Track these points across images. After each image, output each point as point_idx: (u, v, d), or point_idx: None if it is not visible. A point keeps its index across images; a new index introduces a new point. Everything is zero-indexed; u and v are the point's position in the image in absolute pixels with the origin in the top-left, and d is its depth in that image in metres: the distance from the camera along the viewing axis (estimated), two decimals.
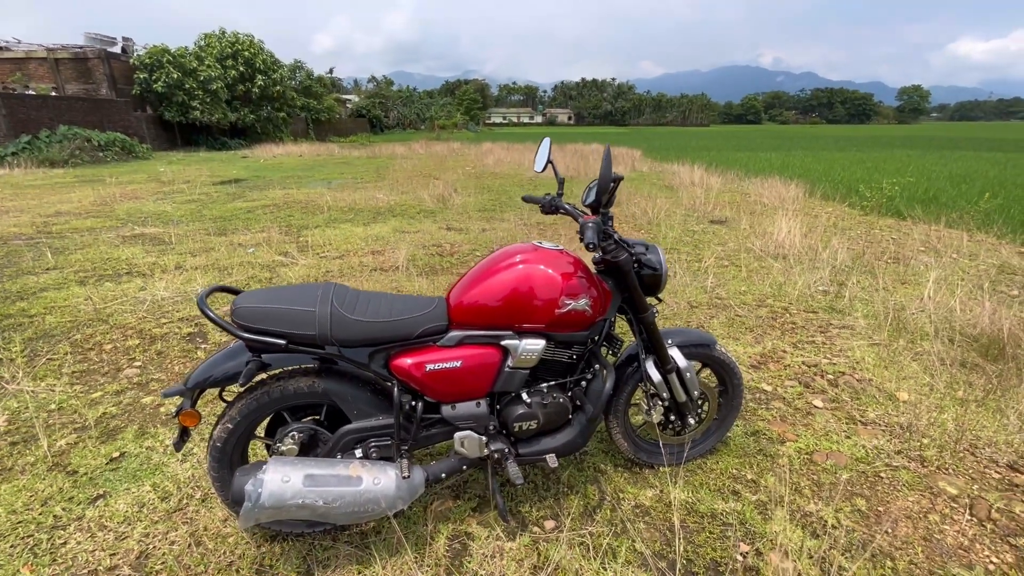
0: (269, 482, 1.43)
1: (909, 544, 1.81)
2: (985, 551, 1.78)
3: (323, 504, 1.48)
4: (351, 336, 1.54)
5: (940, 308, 3.66)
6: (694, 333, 2.08)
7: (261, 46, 27.31)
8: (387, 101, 59.20)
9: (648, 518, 1.93)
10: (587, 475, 2.16)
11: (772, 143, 28.19)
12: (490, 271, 1.69)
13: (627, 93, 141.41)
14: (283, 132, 29.36)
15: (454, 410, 1.72)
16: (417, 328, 1.61)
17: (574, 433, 1.85)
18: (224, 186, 11.11)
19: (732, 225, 6.84)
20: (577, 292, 1.68)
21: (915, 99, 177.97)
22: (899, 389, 2.77)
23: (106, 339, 3.41)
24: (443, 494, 2.03)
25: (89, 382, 2.90)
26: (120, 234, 6.44)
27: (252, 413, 1.60)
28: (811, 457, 2.27)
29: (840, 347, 3.28)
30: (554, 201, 1.95)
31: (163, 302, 4.05)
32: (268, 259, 5.27)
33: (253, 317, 1.47)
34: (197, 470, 2.16)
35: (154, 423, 2.51)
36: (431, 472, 1.73)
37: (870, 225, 6.84)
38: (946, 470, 2.18)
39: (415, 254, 5.44)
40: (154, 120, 22.78)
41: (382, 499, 1.53)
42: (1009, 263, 4.95)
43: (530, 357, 1.70)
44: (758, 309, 3.92)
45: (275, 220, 7.33)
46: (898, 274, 4.68)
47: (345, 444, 1.66)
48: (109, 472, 2.16)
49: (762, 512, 1.95)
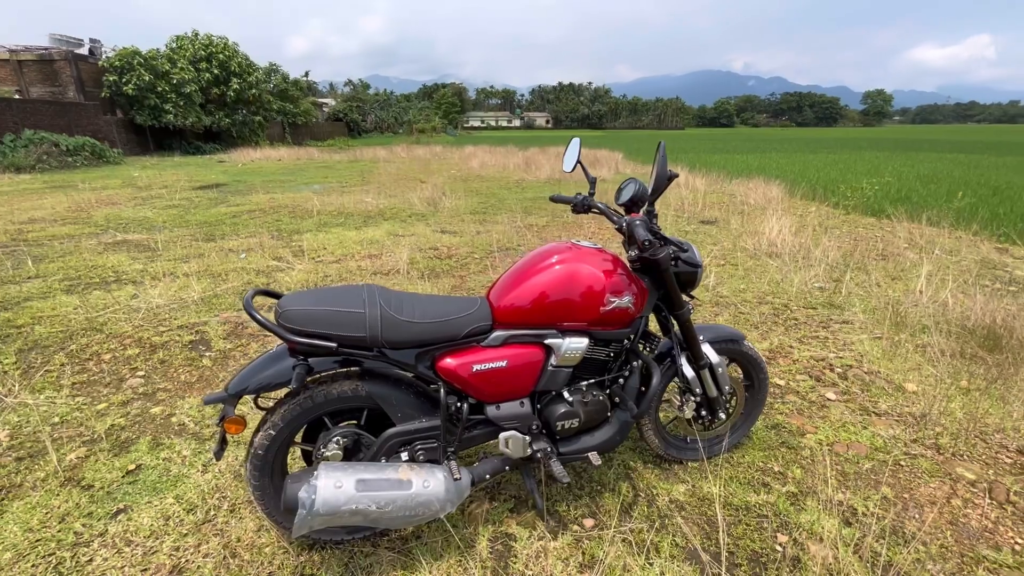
0: (323, 488, 1.40)
1: (938, 529, 1.86)
2: (1009, 532, 1.85)
3: (376, 509, 1.45)
4: (400, 338, 1.52)
5: (934, 302, 3.80)
6: (724, 329, 2.11)
7: (236, 49, 26.78)
8: (364, 105, 58.60)
9: (684, 512, 1.95)
10: (618, 472, 2.17)
11: (747, 145, 28.87)
12: (531, 271, 1.69)
13: (604, 97, 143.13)
14: (260, 136, 28.81)
15: (498, 410, 1.71)
16: (463, 329, 1.60)
17: (613, 430, 1.86)
18: (205, 191, 10.84)
19: (722, 225, 6.98)
20: (620, 289, 1.69)
21: (879, 103, 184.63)
22: (906, 380, 2.86)
23: (104, 349, 3.29)
24: (480, 496, 2.02)
25: (92, 393, 2.79)
26: (102, 241, 6.22)
27: (296, 419, 1.56)
28: (832, 448, 2.32)
29: (844, 341, 3.37)
30: (587, 200, 1.96)
31: (159, 310, 3.92)
32: (262, 264, 5.16)
33: (301, 320, 1.44)
34: (220, 479, 2.10)
35: (168, 434, 2.43)
36: (476, 473, 1.72)
37: (854, 223, 7.06)
38: (961, 456, 2.25)
39: (413, 257, 5.39)
40: (125, 124, 22.08)
41: (434, 501, 1.51)
42: (989, 258, 5.17)
43: (574, 355, 1.70)
44: (760, 306, 4.00)
45: (264, 225, 7.18)
46: (888, 270, 4.84)
47: (390, 448, 1.63)
48: (127, 485, 2.08)
49: (794, 503, 1.99)
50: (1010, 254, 5.37)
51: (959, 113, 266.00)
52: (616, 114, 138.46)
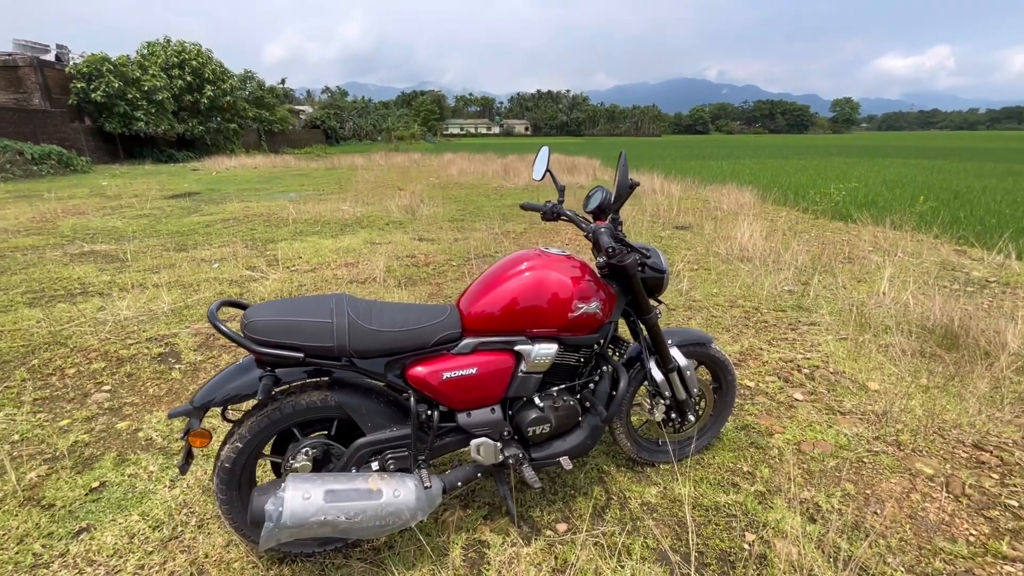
0: (290, 500, 1.39)
1: (897, 523, 1.93)
2: (964, 524, 1.92)
3: (345, 519, 1.44)
4: (369, 347, 1.52)
5: (896, 303, 3.93)
6: (692, 332, 2.16)
7: (210, 55, 26.41)
8: (342, 112, 58.22)
9: (656, 514, 1.98)
10: (591, 476, 2.19)
11: (721, 152, 29.51)
12: (501, 278, 1.71)
13: (582, 104, 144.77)
14: (235, 144, 28.38)
15: (469, 417, 1.72)
16: (433, 336, 1.61)
17: (584, 435, 1.88)
18: (177, 200, 10.63)
19: (696, 230, 7.11)
20: (588, 296, 1.72)
21: (847, 110, 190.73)
22: (869, 379, 2.96)
23: (67, 363, 3.20)
24: (453, 504, 2.02)
25: (54, 409, 2.70)
26: (68, 252, 6.05)
27: (263, 431, 1.55)
28: (799, 447, 2.39)
29: (811, 342, 3.47)
30: (556, 208, 1.99)
31: (127, 322, 3.83)
32: (236, 274, 5.07)
33: (268, 330, 1.43)
34: (188, 495, 2.06)
35: (134, 449, 2.37)
36: (447, 481, 1.72)
37: (822, 228, 7.27)
38: (920, 452, 2.34)
39: (390, 265, 5.37)
40: (93, 132, 21.53)
41: (405, 510, 1.51)
42: (949, 260, 5.38)
43: (543, 361, 1.72)
44: (731, 309, 4.09)
45: (237, 234, 7.07)
46: (854, 273, 5.00)
47: (360, 457, 1.63)
48: (90, 503, 2.02)
49: (762, 502, 2.04)
50: (968, 256, 5.59)
51: (923, 120, 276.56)
52: (594, 121, 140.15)
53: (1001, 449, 2.33)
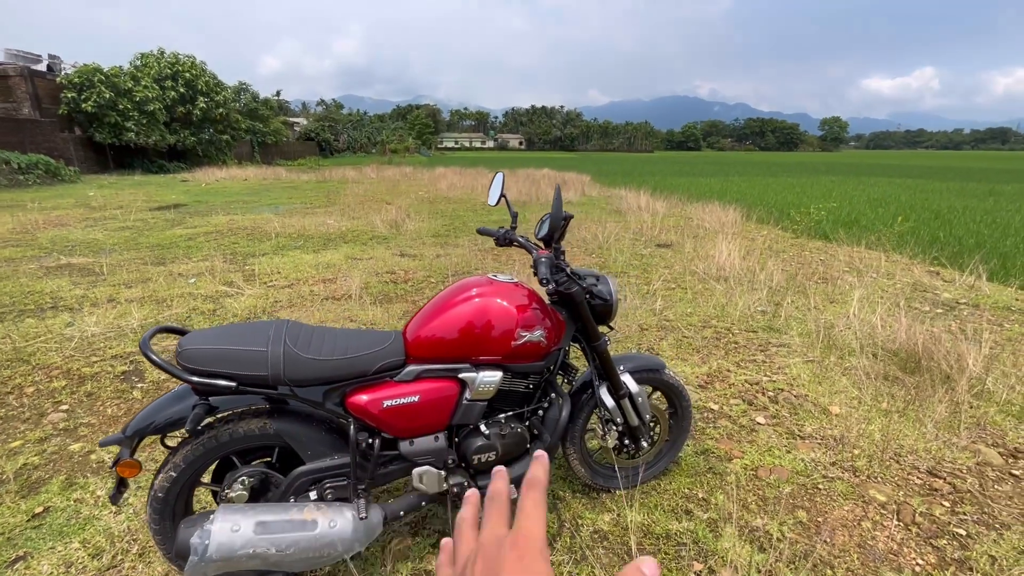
0: (217, 532, 1.37)
1: (846, 552, 1.93)
2: (912, 554, 1.93)
3: (276, 552, 1.42)
4: (305, 375, 1.51)
5: (864, 325, 3.97)
6: (644, 358, 2.17)
7: (203, 67, 26.51)
8: (337, 124, 58.50)
9: (607, 543, 1.97)
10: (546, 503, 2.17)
11: (711, 169, 29.86)
12: (446, 305, 1.72)
13: (575, 120, 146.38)
14: (226, 155, 28.40)
15: (412, 445, 1.71)
16: (374, 364, 1.60)
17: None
18: (162, 212, 10.58)
19: (677, 248, 7.17)
20: (532, 324, 1.72)
21: (835, 129, 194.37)
22: (832, 403, 2.97)
23: (27, 381, 3.15)
24: (402, 531, 1.99)
25: (6, 430, 2.66)
26: (43, 264, 5.99)
27: (198, 459, 1.53)
28: (756, 472, 2.39)
29: (779, 365, 3.48)
30: (508, 234, 2.00)
31: (93, 338, 3.78)
32: (212, 290, 5.04)
33: (200, 359, 1.42)
34: (133, 522, 2.02)
35: (83, 472, 2.33)
36: (389, 510, 1.70)
37: (801, 247, 7.35)
38: (875, 478, 2.34)
39: (368, 281, 5.36)
40: (83, 142, 21.47)
41: (338, 542, 1.49)
42: (921, 281, 5.45)
43: (488, 389, 1.72)
44: (703, 330, 4.11)
45: (218, 248, 7.04)
46: (827, 293, 5.05)
47: (299, 487, 1.61)
48: (31, 530, 1.98)
49: (713, 530, 2.03)
50: (940, 277, 5.67)
51: (909, 139, 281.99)
52: (587, 137, 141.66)
53: (954, 476, 2.35)
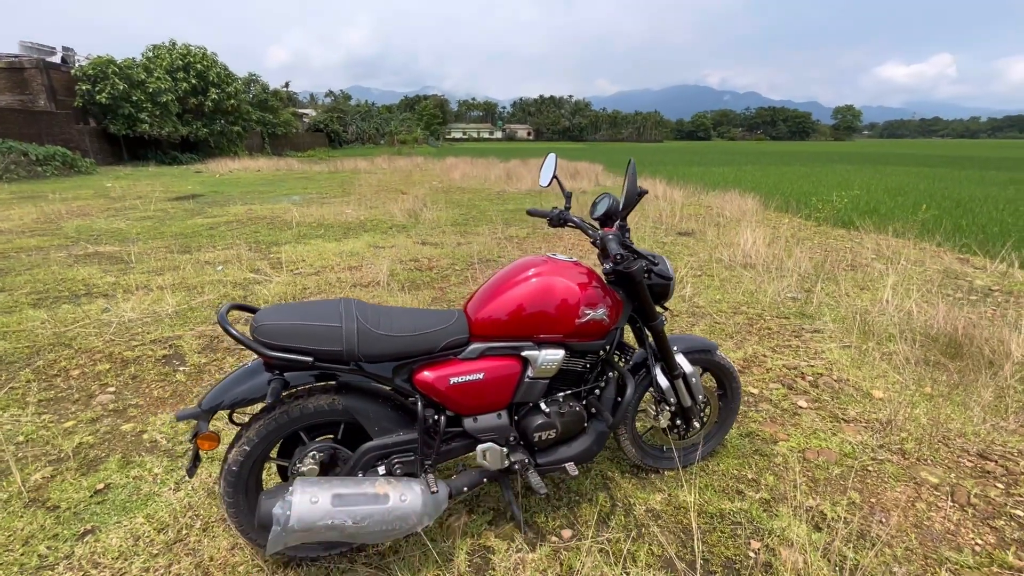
0: (298, 504, 1.39)
1: (903, 532, 1.93)
2: (970, 534, 1.92)
3: (352, 524, 1.44)
4: (377, 351, 1.52)
5: (899, 311, 3.93)
6: (697, 340, 2.16)
7: (214, 59, 26.54)
8: (345, 115, 58.45)
9: (661, 521, 1.98)
10: (596, 483, 2.19)
11: (723, 158, 29.56)
12: (508, 284, 1.72)
13: (584, 110, 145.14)
14: (238, 146, 28.50)
15: (476, 423, 1.72)
16: (440, 341, 1.61)
17: (590, 441, 1.88)
18: (181, 202, 10.66)
19: (699, 237, 7.12)
20: (595, 302, 1.73)
21: (848, 118, 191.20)
22: (873, 387, 2.95)
23: (72, 364, 3.20)
24: (458, 509, 2.01)
25: (59, 411, 2.71)
26: (72, 253, 6.07)
27: (271, 434, 1.55)
28: (804, 454, 2.38)
29: (815, 350, 3.46)
30: (563, 214, 2.00)
31: (131, 324, 3.84)
32: (239, 277, 5.09)
33: (277, 334, 1.44)
34: (193, 497, 2.06)
35: (139, 451, 2.37)
36: (453, 486, 1.72)
37: (825, 235, 7.28)
38: (925, 461, 2.33)
39: (394, 269, 5.38)
40: (98, 133, 21.63)
41: (412, 515, 1.51)
42: (952, 268, 5.38)
43: (550, 367, 1.73)
44: (735, 316, 4.09)
45: (241, 236, 7.09)
46: (857, 280, 5.00)
47: (367, 462, 1.63)
48: (95, 505, 2.02)
49: (767, 509, 2.03)
50: (971, 264, 5.59)
51: (924, 128, 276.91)
52: (596, 127, 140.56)
53: (1006, 458, 2.33)
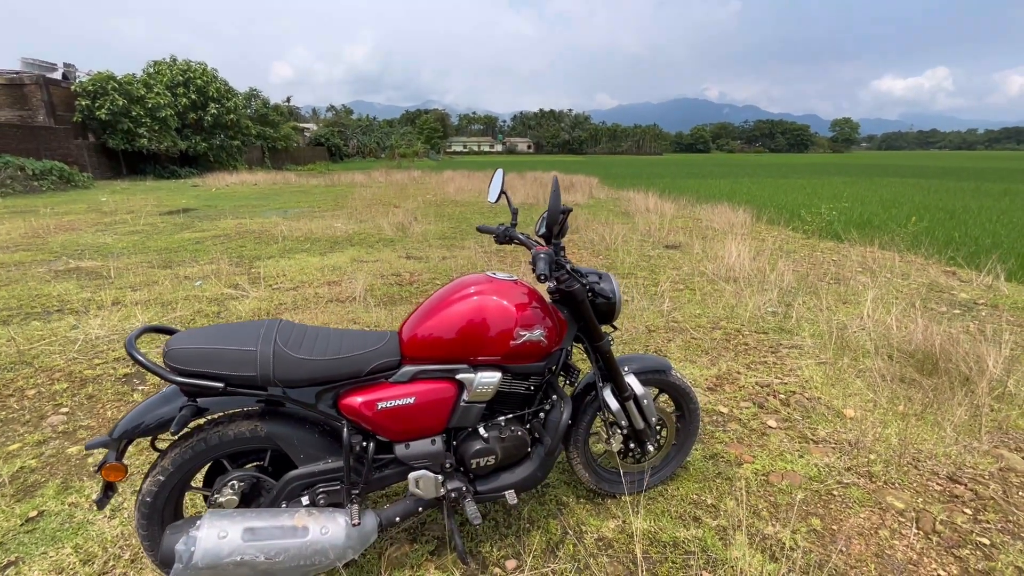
0: (204, 539, 1.32)
1: (862, 562, 1.84)
2: (932, 564, 1.83)
3: (265, 559, 1.37)
4: (296, 376, 1.46)
5: (878, 326, 3.86)
6: (649, 359, 2.09)
7: (214, 74, 26.82)
8: (346, 130, 58.96)
9: (611, 551, 1.90)
10: (548, 509, 2.11)
11: (720, 171, 29.64)
12: (444, 303, 1.66)
13: (584, 123, 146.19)
14: (237, 160, 28.65)
15: (408, 449, 1.65)
16: (367, 365, 1.55)
17: (534, 467, 1.81)
18: (171, 216, 10.66)
19: (685, 249, 7.07)
20: (532, 323, 1.66)
21: (847, 130, 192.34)
22: (846, 406, 2.87)
23: (29, 384, 3.14)
24: (398, 538, 1.93)
25: (6, 432, 2.64)
26: (52, 268, 6.03)
27: (187, 463, 1.48)
28: (767, 478, 2.30)
29: (790, 367, 3.39)
30: (508, 231, 1.95)
31: (97, 341, 3.78)
32: (217, 292, 5.04)
33: (188, 359, 1.38)
34: (127, 526, 1.98)
35: (80, 476, 2.30)
36: (384, 516, 1.64)
37: (812, 248, 7.22)
38: (892, 485, 2.25)
39: (373, 284, 5.33)
40: (97, 148, 21.77)
41: (330, 550, 1.44)
42: (937, 281, 5.31)
43: (486, 390, 1.66)
44: (712, 331, 4.02)
45: (226, 251, 7.06)
46: (839, 294, 4.93)
47: (291, 491, 1.56)
48: (24, 535, 1.95)
49: (723, 537, 1.95)
50: (957, 277, 5.52)
51: (921, 140, 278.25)
52: (596, 140, 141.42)
53: (976, 481, 2.24)
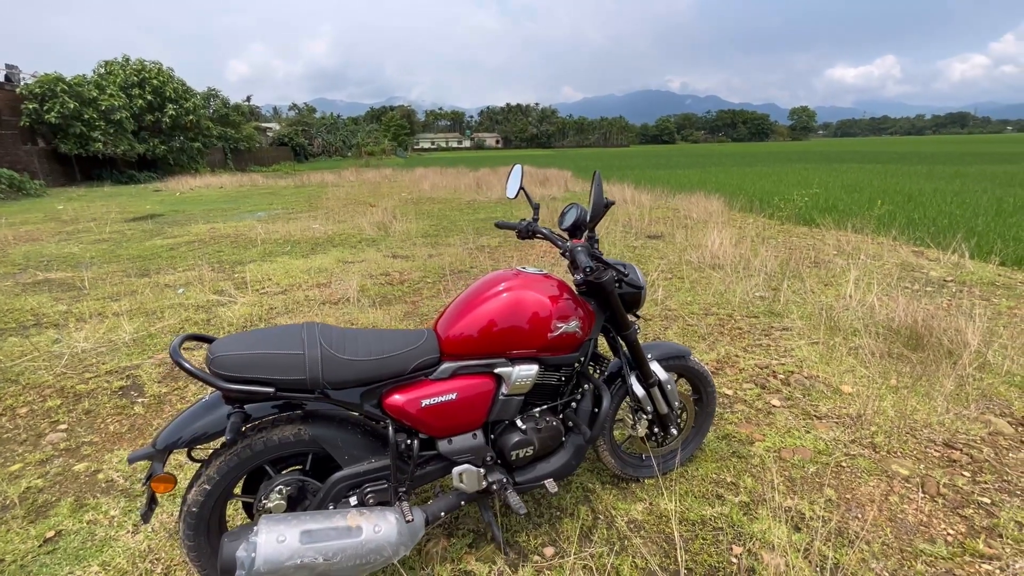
0: (263, 544, 1.32)
1: (879, 527, 1.95)
2: (941, 524, 1.96)
3: (324, 561, 1.37)
4: (343, 377, 1.46)
5: (862, 306, 4.05)
6: (670, 346, 2.16)
7: (171, 74, 25.81)
8: (311, 128, 57.51)
9: (643, 532, 1.96)
10: (577, 496, 2.16)
11: (688, 161, 30.24)
12: (478, 300, 1.68)
13: (551, 117, 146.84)
14: (199, 163, 27.67)
15: (451, 444, 1.67)
16: (410, 363, 1.56)
17: (568, 455, 1.85)
18: (138, 222, 10.26)
19: (668, 239, 7.23)
20: (567, 314, 1.70)
21: (804, 118, 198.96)
22: (842, 383, 3.02)
23: (20, 402, 3.01)
24: (436, 534, 1.95)
25: (4, 453, 2.53)
26: (19, 281, 5.75)
27: (232, 470, 1.46)
28: (779, 454, 2.41)
29: (785, 348, 3.53)
30: (531, 226, 1.97)
31: (85, 355, 3.63)
32: (202, 299, 4.90)
33: (235, 365, 1.36)
34: (153, 540, 1.94)
35: (93, 493, 2.23)
36: (430, 512, 1.66)
37: (788, 233, 7.49)
38: (895, 453, 2.39)
39: (364, 284, 5.27)
40: (48, 154, 20.69)
41: (386, 547, 1.45)
42: (908, 261, 5.59)
43: (525, 383, 1.69)
44: (706, 317, 4.15)
45: (203, 257, 6.85)
46: (821, 277, 5.14)
47: (338, 493, 1.56)
48: (45, 556, 1.88)
49: (747, 512, 2.04)
50: (925, 256, 5.83)
51: (874, 126, 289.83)
52: (563, 133, 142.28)
53: (970, 447, 2.40)
